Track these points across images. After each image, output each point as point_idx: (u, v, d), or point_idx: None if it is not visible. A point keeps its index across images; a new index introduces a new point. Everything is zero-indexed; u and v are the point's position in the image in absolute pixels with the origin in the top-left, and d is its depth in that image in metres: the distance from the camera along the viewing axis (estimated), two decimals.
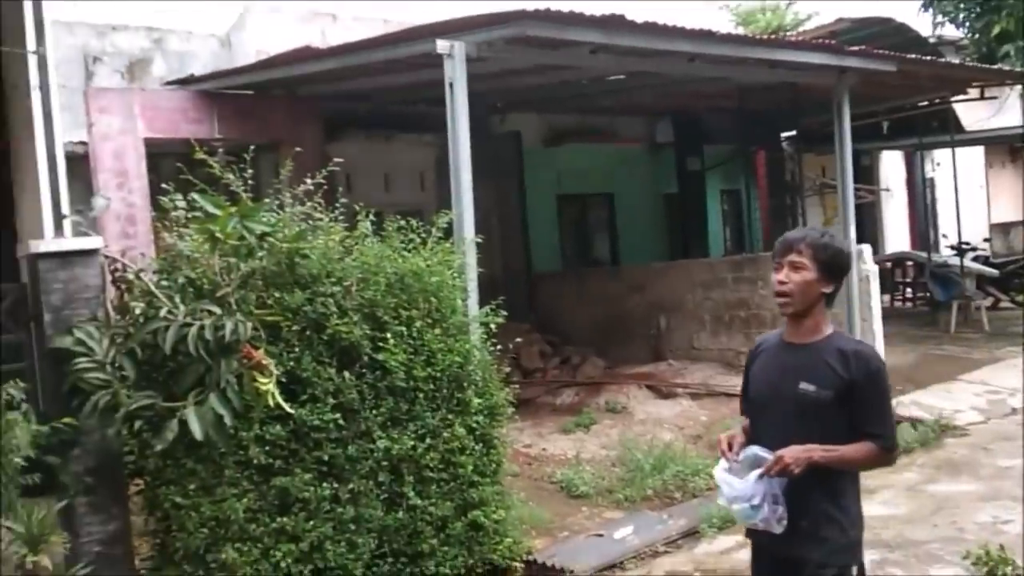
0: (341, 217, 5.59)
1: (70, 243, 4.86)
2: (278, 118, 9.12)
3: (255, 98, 9.21)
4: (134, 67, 9.55)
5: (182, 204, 5.06)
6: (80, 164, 8.53)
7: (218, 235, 4.85)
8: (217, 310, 4.70)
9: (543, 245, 13.02)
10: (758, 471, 2.97)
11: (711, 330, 11.37)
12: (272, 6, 10.13)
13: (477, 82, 7.06)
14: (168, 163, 8.93)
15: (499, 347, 5.84)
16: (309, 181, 5.34)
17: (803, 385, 3.01)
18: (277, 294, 5.02)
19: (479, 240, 6.37)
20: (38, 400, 4.65)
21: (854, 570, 3.11)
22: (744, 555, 4.47)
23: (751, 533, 3.24)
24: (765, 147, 15.88)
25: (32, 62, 4.94)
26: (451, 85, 6.35)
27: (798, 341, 3.10)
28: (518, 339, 8.18)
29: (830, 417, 2.99)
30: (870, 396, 3.01)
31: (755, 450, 3.06)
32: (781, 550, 3.08)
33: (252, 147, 5.61)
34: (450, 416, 5.52)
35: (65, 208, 5.04)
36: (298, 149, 6.14)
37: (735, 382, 7.31)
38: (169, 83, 9.35)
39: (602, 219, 14.79)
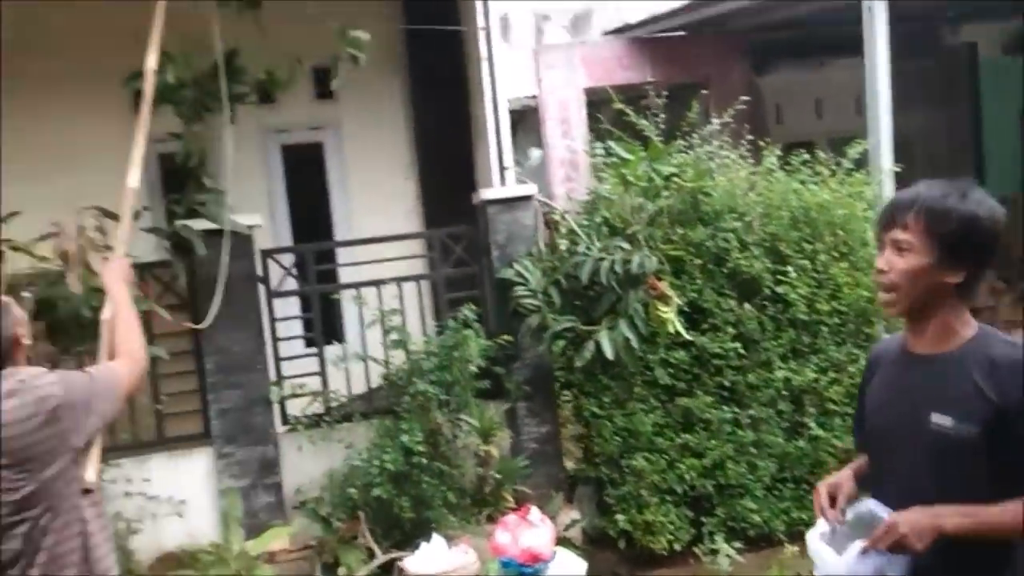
0: (748, 152, 5.78)
1: (511, 191, 5.76)
2: (707, 56, 9.39)
3: (685, 39, 9.56)
4: (578, 21, 10.44)
5: (600, 151, 5.66)
6: (533, 116, 9.72)
7: (630, 178, 5.36)
8: (627, 246, 5.24)
9: (1001, 170, 11.58)
10: (862, 543, 1.98)
11: None
12: None
13: None
14: (607, 109, 9.84)
15: None
16: (716, 122, 5.59)
17: (936, 418, 2.02)
18: (681, 230, 5.41)
19: (898, 169, 6.08)
20: (487, 320, 5.64)
21: None
22: None
23: None
24: None
25: (481, 37, 5.85)
26: (869, 9, 6.08)
27: (924, 351, 2.10)
28: None
29: (977, 462, 1.98)
30: None
31: (870, 505, 2.10)
32: None
33: (663, 91, 5.98)
34: (856, 351, 5.49)
35: (508, 159, 5.93)
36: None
37: None
38: (607, 33, 10.07)
39: None
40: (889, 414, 2.15)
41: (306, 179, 7.08)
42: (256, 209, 6.83)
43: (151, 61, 3.78)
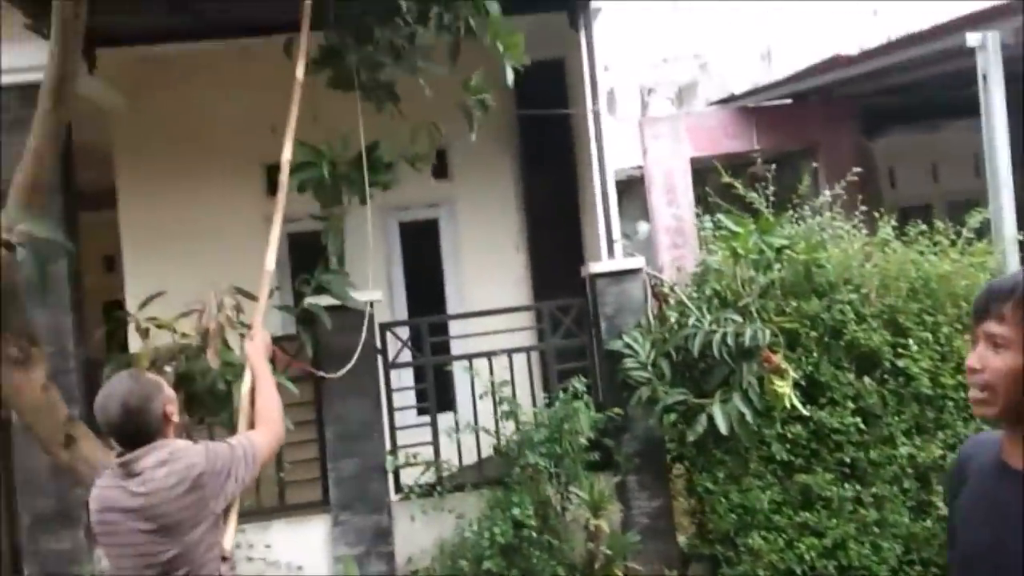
0: (862, 222, 5.71)
1: (619, 264, 5.85)
2: (814, 123, 9.34)
3: (791, 107, 9.55)
4: (683, 92, 10.58)
5: (709, 223, 5.70)
6: (639, 185, 9.84)
7: (740, 250, 5.37)
8: (739, 318, 5.23)
9: None
10: None
11: None
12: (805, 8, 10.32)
13: None
14: (713, 176, 9.90)
15: None
16: (827, 193, 5.56)
17: None
18: (795, 302, 5.36)
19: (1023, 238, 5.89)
20: (597, 392, 5.68)
21: None
22: None
23: None
24: None
25: (589, 118, 6.02)
26: (984, 77, 5.97)
27: (1022, 466, 1.75)
28: None
29: None
30: None
31: None
32: None
33: (771, 159, 6.00)
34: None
35: (616, 233, 6.03)
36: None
37: None
38: (712, 104, 10.15)
39: None
40: (979, 539, 1.78)
41: (421, 253, 7.34)
42: (375, 282, 7.14)
43: (287, 152, 4.06)
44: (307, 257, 5.83)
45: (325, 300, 5.33)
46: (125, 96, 6.84)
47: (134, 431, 2.74)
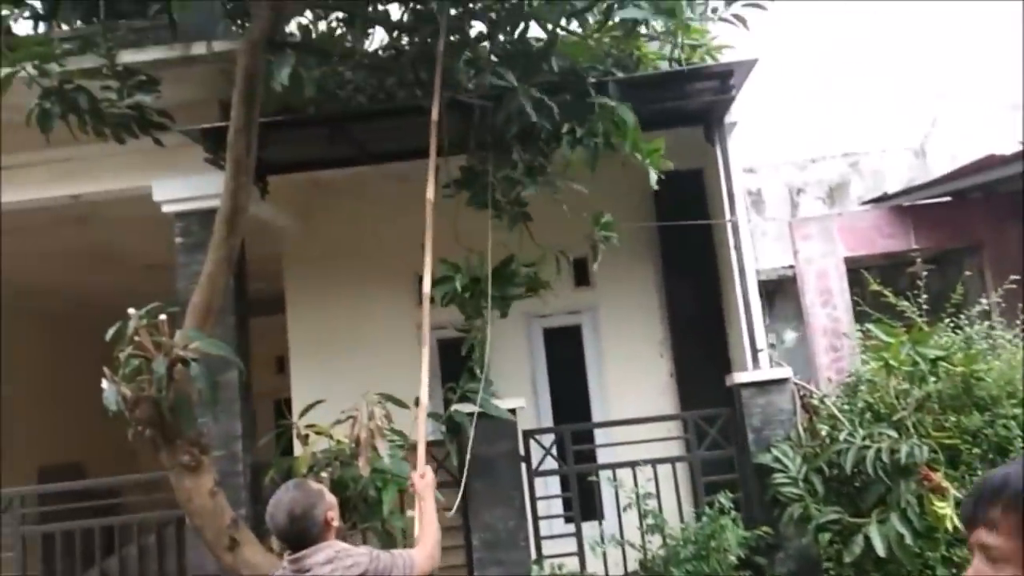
0: None
1: (764, 374, 5.73)
2: (976, 220, 8.93)
3: (950, 204, 9.18)
4: (833, 192, 10.38)
5: (859, 332, 5.53)
6: (791, 285, 9.63)
7: (891, 361, 5.17)
8: (893, 433, 5.01)
9: None
10: None
11: None
12: (963, 109, 10.02)
13: None
14: (870, 274, 9.61)
15: None
16: (985, 301, 5.30)
17: None
18: (954, 416, 5.09)
19: None
20: (746, 507, 5.52)
21: None
22: None
23: None
24: None
25: (729, 228, 6.04)
26: None
27: None
28: None
29: None
30: None
31: None
32: None
33: (930, 259, 5.79)
34: None
35: (760, 342, 5.93)
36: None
37: None
38: (865, 203, 9.91)
39: None
40: None
41: (565, 359, 7.45)
42: (520, 386, 7.30)
43: (427, 277, 4.33)
44: (457, 360, 6.04)
45: (470, 407, 5.50)
46: (294, 216, 7.44)
47: (299, 536, 3.03)
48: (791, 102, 10.47)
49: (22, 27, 6.36)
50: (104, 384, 4.60)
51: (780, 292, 9.85)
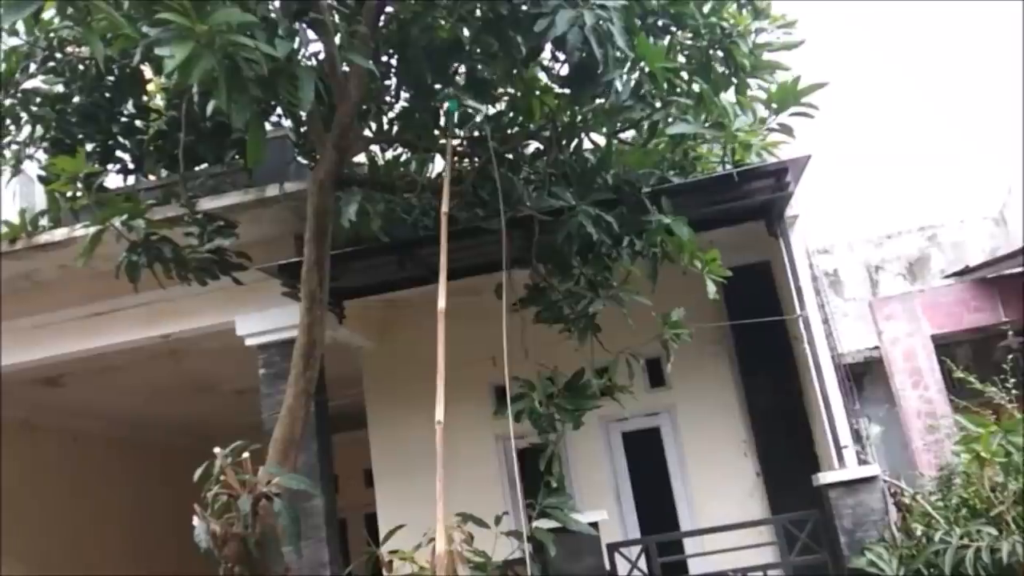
0: None
1: (852, 472, 5.54)
2: None
3: None
4: (913, 267, 10.13)
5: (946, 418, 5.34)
6: (878, 366, 9.35)
7: (983, 453, 4.96)
8: (992, 530, 4.76)
9: None
10: None
11: None
12: None
13: None
14: (963, 350, 9.26)
15: None
16: None
17: None
18: None
19: None
20: None
21: None
22: None
23: None
24: None
25: (800, 323, 5.96)
26: None
27: None
28: None
29: None
30: None
31: None
32: None
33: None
34: None
35: (844, 438, 5.76)
36: None
37: None
38: (947, 276, 9.63)
39: None
40: None
41: (646, 463, 7.36)
42: (602, 494, 7.22)
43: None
44: (536, 470, 6.02)
45: (551, 523, 5.46)
46: (370, 336, 7.65)
47: None
48: (863, 180, 10.38)
49: (111, 180, 6.88)
50: (195, 521, 4.76)
51: (868, 374, 9.56)
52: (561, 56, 5.14)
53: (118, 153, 6.66)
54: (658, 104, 4.99)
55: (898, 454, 8.63)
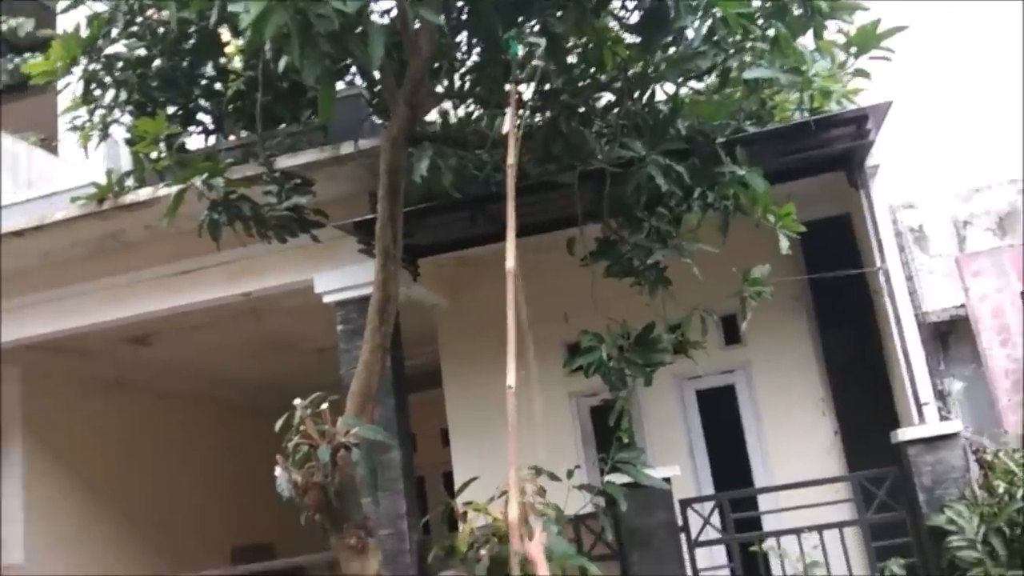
0: None
1: (932, 429, 5.41)
2: None
3: None
4: (1003, 221, 9.71)
5: None
6: (965, 325, 9.04)
7: None
8: None
9: None
10: None
11: None
12: None
13: None
14: None
15: None
16: None
17: None
18: None
19: None
20: (920, 574, 5.19)
21: None
22: None
23: None
24: None
25: (880, 277, 5.79)
26: None
27: None
28: None
29: None
30: None
31: None
32: None
33: None
34: None
35: (925, 394, 5.61)
36: None
37: None
38: None
39: None
40: None
41: (721, 421, 7.30)
42: (676, 452, 7.20)
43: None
44: (608, 427, 6.03)
45: (623, 478, 5.48)
46: (443, 294, 7.73)
47: None
48: (949, 131, 9.94)
49: (193, 141, 7.08)
50: (277, 471, 4.93)
51: (954, 333, 9.25)
52: (631, 3, 5.06)
53: (199, 115, 6.85)
54: (732, 51, 4.86)
55: (985, 413, 8.36)
